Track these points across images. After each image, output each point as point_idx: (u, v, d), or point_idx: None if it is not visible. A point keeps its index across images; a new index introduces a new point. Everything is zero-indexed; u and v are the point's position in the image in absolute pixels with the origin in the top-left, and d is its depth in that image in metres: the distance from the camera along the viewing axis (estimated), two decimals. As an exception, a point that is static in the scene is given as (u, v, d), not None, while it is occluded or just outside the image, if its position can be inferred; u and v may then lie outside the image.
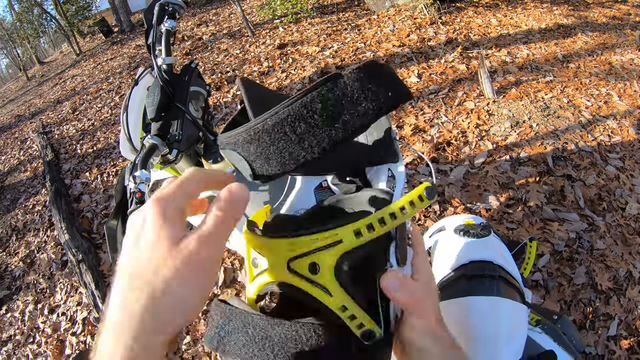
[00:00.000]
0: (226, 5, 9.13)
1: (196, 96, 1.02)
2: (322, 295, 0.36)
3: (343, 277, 0.36)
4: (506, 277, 0.72)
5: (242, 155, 0.44)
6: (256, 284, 0.41)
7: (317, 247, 0.36)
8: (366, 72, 0.42)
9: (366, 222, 0.36)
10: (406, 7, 5.44)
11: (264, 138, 0.41)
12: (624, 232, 2.07)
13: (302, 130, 0.40)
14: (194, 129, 0.97)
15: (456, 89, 3.38)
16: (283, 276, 0.38)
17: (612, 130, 2.80)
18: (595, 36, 4.60)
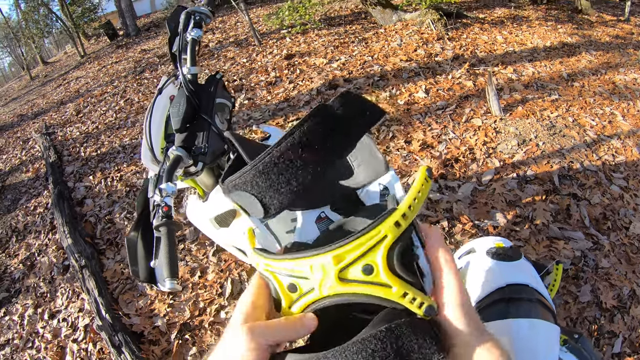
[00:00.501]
0: (232, 13, 9.18)
1: (222, 108, 1.01)
2: (383, 291, 0.38)
3: (394, 268, 0.38)
4: (541, 300, 0.74)
5: (252, 192, 0.46)
6: (298, 306, 0.42)
7: (367, 249, 0.38)
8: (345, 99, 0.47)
9: (401, 212, 0.39)
10: (413, 22, 5.50)
11: (272, 169, 0.44)
12: (628, 251, 2.08)
13: (306, 155, 0.44)
14: (220, 142, 0.96)
15: (463, 105, 3.40)
16: (335, 289, 0.39)
17: (616, 150, 2.83)
18: (599, 55, 4.66)
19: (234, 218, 1.07)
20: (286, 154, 0.43)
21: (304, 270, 0.40)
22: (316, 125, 0.44)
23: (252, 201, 0.47)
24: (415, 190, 0.41)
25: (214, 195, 1.10)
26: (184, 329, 2.00)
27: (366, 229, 0.38)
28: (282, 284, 0.42)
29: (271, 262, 0.43)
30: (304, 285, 0.40)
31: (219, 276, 2.22)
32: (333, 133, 0.45)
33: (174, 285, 0.74)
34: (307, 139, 0.44)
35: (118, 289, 2.36)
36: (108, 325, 2.03)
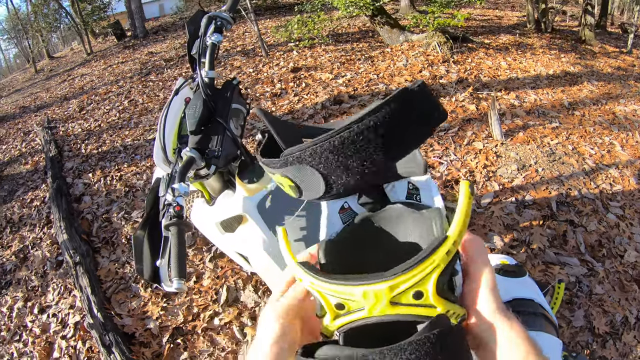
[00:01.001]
0: (241, 23, 9.28)
1: (237, 114, 1.02)
2: (427, 311, 0.40)
3: (441, 291, 0.40)
4: (545, 314, 0.76)
5: (317, 168, 0.45)
6: (344, 321, 0.43)
7: (420, 279, 0.39)
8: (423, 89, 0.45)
9: (452, 240, 0.40)
10: (420, 43, 5.58)
11: (349, 146, 0.42)
12: (622, 279, 2.10)
13: (385, 137, 0.43)
14: (233, 147, 0.98)
15: (466, 128, 3.44)
16: (385, 311, 0.40)
17: (614, 179, 2.87)
18: (600, 85, 4.74)
19: (240, 224, 1.08)
20: (367, 131, 0.42)
21: (355, 294, 0.41)
22: (400, 108, 0.43)
23: (313, 178, 0.46)
24: (463, 213, 0.42)
25: (221, 199, 1.11)
26: (176, 333, 1.98)
27: (420, 259, 0.39)
28: (329, 302, 0.43)
29: (320, 282, 0.43)
30: (353, 304, 0.42)
31: (214, 282, 2.20)
32: (411, 122, 0.44)
33: (181, 285, 0.74)
34: (389, 120, 0.42)
35: (111, 289, 2.34)
36: (99, 324, 2.01)
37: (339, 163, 0.44)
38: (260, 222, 1.01)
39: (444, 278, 0.40)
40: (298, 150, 0.45)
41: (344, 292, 0.41)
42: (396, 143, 0.44)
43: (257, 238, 1.01)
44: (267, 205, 1.05)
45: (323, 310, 0.44)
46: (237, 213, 1.04)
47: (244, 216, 1.04)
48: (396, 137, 0.44)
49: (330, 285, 0.42)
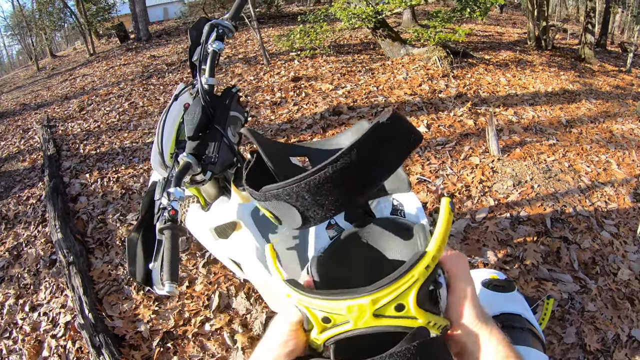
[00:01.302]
0: (244, 30, 9.35)
1: (234, 121, 1.04)
2: (409, 322, 0.43)
3: (421, 303, 0.43)
4: (532, 329, 0.77)
5: (294, 204, 0.47)
6: (330, 334, 0.46)
7: (400, 292, 0.42)
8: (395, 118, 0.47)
9: (431, 255, 0.43)
10: (420, 57, 5.64)
11: (323, 186, 0.45)
12: (615, 297, 2.11)
13: (359, 173, 0.45)
14: (230, 154, 0.98)
15: (463, 143, 3.47)
16: (368, 323, 0.43)
17: (609, 197, 2.88)
18: (598, 104, 4.78)
19: (234, 230, 1.09)
20: (341, 172, 0.44)
21: (340, 308, 0.43)
22: (372, 143, 0.45)
23: (291, 212, 0.48)
24: (443, 230, 0.45)
25: (216, 205, 1.11)
26: (167, 337, 1.97)
27: (400, 275, 0.42)
28: (316, 317, 0.45)
29: (306, 298, 0.45)
30: (338, 318, 0.44)
31: (207, 288, 2.20)
32: (385, 152, 0.47)
33: (172, 288, 0.74)
34: (362, 157, 0.44)
35: (103, 290, 2.33)
36: (90, 325, 2.00)
37: (314, 201, 0.46)
38: (254, 229, 1.02)
39: (424, 291, 0.43)
40: (275, 188, 0.47)
41: (329, 307, 0.44)
42: (371, 177, 0.47)
43: (250, 245, 1.02)
44: (261, 213, 1.06)
45: (310, 324, 0.46)
46: (231, 220, 1.04)
47: (238, 223, 1.05)
48: (371, 171, 0.46)
49: (315, 300, 0.44)
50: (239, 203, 1.04)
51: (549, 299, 1.07)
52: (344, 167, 0.44)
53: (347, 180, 0.45)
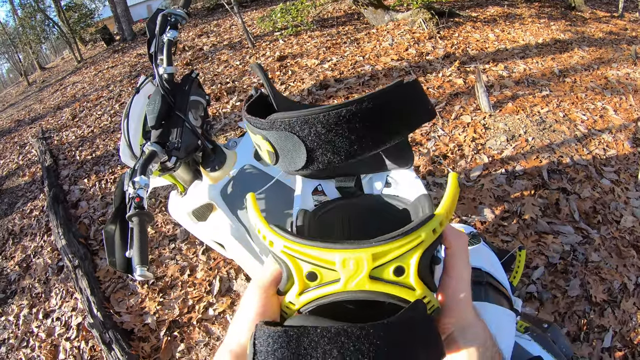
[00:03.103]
0: (227, 17, 9.22)
1: (196, 105, 1.04)
2: (406, 293, 0.38)
3: (421, 272, 0.38)
4: (494, 284, 0.73)
5: (304, 139, 0.43)
6: (313, 295, 0.39)
7: (404, 251, 0.37)
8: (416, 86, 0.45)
9: (439, 219, 0.39)
10: (405, 22, 5.52)
11: (343, 124, 0.41)
12: (619, 245, 2.08)
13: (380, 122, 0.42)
14: (193, 138, 0.99)
15: (453, 102, 3.42)
16: (362, 285, 0.37)
17: (608, 144, 2.83)
18: (591, 51, 4.66)
19: (211, 212, 1.10)
20: (366, 112, 0.41)
21: (334, 260, 0.37)
22: (396, 96, 0.43)
23: (296, 149, 0.44)
24: (450, 197, 0.42)
25: (191, 189, 1.12)
26: (173, 326, 2.03)
27: (407, 232, 0.37)
28: (300, 270, 0.39)
29: (294, 245, 0.39)
30: (327, 275, 0.38)
31: (207, 274, 2.24)
32: (406, 112, 0.44)
33: (144, 272, 0.76)
34: (386, 106, 0.42)
35: (110, 288, 2.38)
36: (99, 323, 2.06)
37: (328, 139, 0.42)
38: (225, 208, 1.03)
39: (426, 258, 0.38)
40: (289, 117, 0.43)
41: (320, 257, 0.38)
42: (387, 132, 0.43)
43: (225, 224, 1.03)
44: (229, 191, 1.07)
45: (290, 283, 0.40)
46: (204, 202, 1.05)
47: (213, 204, 1.06)
48: (388, 125, 0.43)
49: (307, 249, 0.38)
50: (209, 184, 1.04)
51: (521, 250, 1.03)
52: (369, 109, 0.41)
53: (367, 126, 0.42)
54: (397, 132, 0.44)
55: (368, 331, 0.34)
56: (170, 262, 2.42)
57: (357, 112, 0.40)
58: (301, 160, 0.44)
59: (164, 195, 2.99)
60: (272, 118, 0.44)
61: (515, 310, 0.74)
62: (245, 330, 0.42)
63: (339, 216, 0.57)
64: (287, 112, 0.43)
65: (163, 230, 2.70)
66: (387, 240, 0.37)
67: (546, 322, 0.94)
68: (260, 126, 0.46)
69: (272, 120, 0.44)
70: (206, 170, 1.02)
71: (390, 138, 0.44)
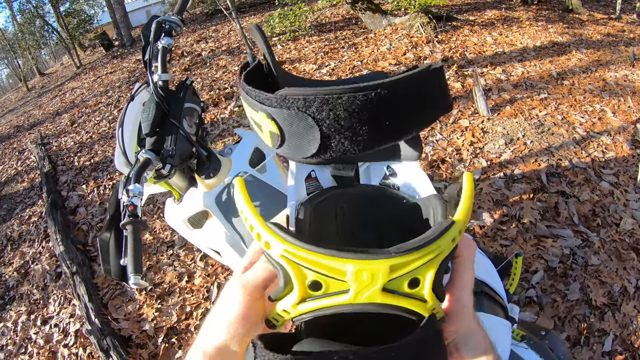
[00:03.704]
0: (226, 22, 9.25)
1: (190, 112, 1.04)
2: (418, 306, 0.35)
3: (436, 283, 0.35)
4: (489, 293, 0.71)
5: (321, 123, 0.37)
6: (313, 306, 0.35)
7: (423, 262, 0.34)
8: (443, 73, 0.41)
9: (460, 225, 0.36)
10: (403, 26, 5.54)
11: (369, 110, 0.36)
12: (619, 248, 2.07)
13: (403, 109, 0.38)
14: (188, 145, 0.99)
15: (451, 106, 3.42)
16: (374, 298, 0.33)
17: (606, 146, 2.83)
18: (589, 53, 4.67)
19: (207, 219, 1.09)
20: (394, 97, 0.36)
21: (346, 271, 0.32)
22: (426, 83, 0.39)
23: (309, 133, 0.38)
24: (468, 201, 0.38)
25: (187, 196, 1.12)
26: (171, 333, 2.02)
27: (429, 242, 0.34)
28: (304, 278, 0.34)
29: (298, 251, 0.33)
30: (333, 285, 0.34)
31: (205, 281, 2.23)
32: (430, 101, 0.40)
33: (137, 280, 0.76)
34: (415, 92, 0.37)
35: (108, 295, 2.38)
36: (97, 330, 2.05)
37: (349, 125, 0.36)
38: (220, 215, 1.03)
39: (442, 269, 0.35)
40: (305, 94, 0.36)
41: (329, 266, 0.33)
42: (412, 121, 0.39)
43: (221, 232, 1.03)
44: (224, 199, 1.07)
45: (288, 289, 0.35)
46: (199, 209, 1.05)
47: (208, 211, 1.06)
48: (416, 114, 0.39)
49: (313, 255, 0.33)
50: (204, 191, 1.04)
51: (518, 257, 1.01)
52: (399, 95, 0.36)
53: (394, 113, 0.37)
54: (421, 123, 0.40)
55: (388, 354, 0.31)
56: (168, 269, 2.42)
57: (387, 97, 0.35)
58: (312, 147, 0.38)
59: (162, 202, 2.98)
60: (283, 93, 0.37)
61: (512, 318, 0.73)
62: (223, 332, 0.38)
63: (334, 207, 0.51)
64: (302, 89, 0.37)
65: (161, 237, 2.70)
66: (407, 252, 0.33)
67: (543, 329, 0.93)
68: (267, 102, 0.39)
69: (283, 95, 0.37)
70: (201, 178, 1.02)
71: (413, 129, 0.40)
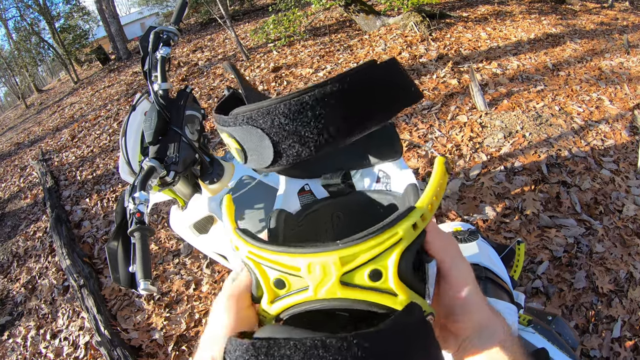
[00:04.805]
0: (221, 31, 9.30)
1: (192, 120, 1.05)
2: (386, 299, 0.33)
3: (404, 275, 0.34)
4: (493, 278, 0.73)
5: (268, 132, 0.40)
6: (284, 304, 0.36)
7: (378, 252, 0.33)
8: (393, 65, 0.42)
9: (420, 212, 0.34)
10: (397, 26, 5.56)
11: (308, 110, 0.38)
12: (622, 234, 2.08)
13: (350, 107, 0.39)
14: (190, 152, 1.00)
15: (449, 103, 3.43)
16: (333, 293, 0.33)
17: (605, 134, 2.84)
18: (584, 43, 4.69)
19: (212, 224, 1.10)
20: (331, 96, 0.37)
21: (299, 267, 0.33)
22: (367, 77, 0.39)
23: (262, 143, 0.41)
24: (434, 186, 0.37)
25: (191, 203, 1.13)
26: (181, 341, 2.03)
27: (380, 229, 0.33)
28: (267, 278, 0.36)
29: (258, 251, 0.35)
30: (295, 282, 0.35)
31: (213, 287, 2.24)
32: (380, 95, 0.40)
33: (147, 286, 0.77)
34: (356, 89, 0.38)
35: (116, 306, 2.38)
36: (107, 341, 2.06)
37: (293, 129, 0.39)
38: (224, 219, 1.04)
39: (408, 258, 0.34)
40: (249, 110, 0.40)
41: (284, 263, 0.34)
42: (358, 117, 0.40)
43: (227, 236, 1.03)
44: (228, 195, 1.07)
45: (260, 290, 0.37)
46: (205, 214, 1.06)
47: (213, 216, 1.07)
48: (359, 110, 0.39)
49: (270, 255, 0.34)
50: (209, 197, 1.05)
51: (520, 244, 1.02)
52: (334, 93, 0.37)
53: (334, 111, 0.38)
54: (372, 117, 0.41)
55: (351, 342, 0.29)
56: (175, 277, 2.42)
57: (322, 98, 0.37)
58: (268, 156, 0.41)
59: (166, 211, 3.00)
60: (235, 112, 0.42)
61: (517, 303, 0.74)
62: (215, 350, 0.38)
63: (326, 216, 0.53)
64: (249, 105, 0.40)
65: (166, 246, 2.71)
66: (355, 241, 0.32)
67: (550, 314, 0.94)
68: (224, 123, 0.44)
69: (235, 115, 0.42)
70: (205, 183, 1.04)
71: (364, 125, 0.41)
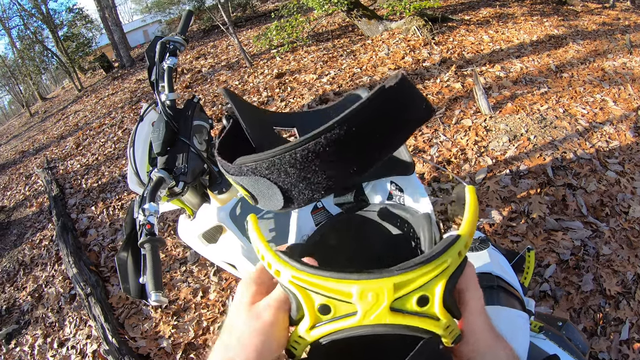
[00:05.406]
0: (224, 38, 9.35)
1: (199, 130, 1.06)
2: (429, 324, 0.35)
3: (447, 300, 0.35)
4: (505, 287, 0.73)
5: (275, 181, 0.39)
6: (325, 330, 0.35)
7: (429, 279, 0.34)
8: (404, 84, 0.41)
9: (465, 239, 0.36)
10: (399, 30, 5.58)
11: (314, 159, 0.37)
12: (629, 236, 2.06)
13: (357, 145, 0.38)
14: (199, 162, 1.01)
15: (453, 107, 3.43)
16: (382, 319, 0.34)
17: (610, 136, 2.83)
18: (586, 44, 4.68)
19: (221, 234, 1.11)
20: (335, 144, 0.36)
21: (351, 292, 0.33)
22: (374, 112, 0.38)
23: (271, 191, 0.41)
24: (472, 214, 0.38)
25: (200, 213, 1.13)
26: (189, 349, 2.02)
27: (432, 257, 0.34)
28: (312, 302, 0.35)
29: (304, 275, 0.35)
30: (342, 308, 0.34)
31: (220, 295, 2.24)
32: (390, 123, 0.40)
33: (159, 297, 0.77)
34: (361, 128, 0.37)
35: (124, 314, 2.39)
36: (115, 350, 2.06)
37: (300, 178, 0.38)
38: (234, 229, 1.04)
39: (451, 285, 0.35)
40: (253, 161, 0.39)
41: (335, 289, 0.34)
42: (370, 154, 0.40)
43: (236, 245, 1.04)
44: (238, 213, 1.08)
45: (300, 313, 0.36)
46: (214, 224, 1.07)
47: (222, 226, 1.07)
48: (370, 146, 0.39)
49: (319, 280, 0.34)
50: (218, 207, 1.06)
51: (530, 251, 1.02)
52: (339, 138, 0.36)
53: (341, 155, 0.38)
54: (384, 148, 0.41)
55: None
56: (182, 285, 2.43)
57: (328, 143, 0.36)
58: (279, 201, 0.41)
59: (172, 219, 3.00)
60: (238, 163, 0.41)
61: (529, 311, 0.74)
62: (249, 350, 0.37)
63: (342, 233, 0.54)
64: (252, 156, 0.40)
65: (173, 254, 2.71)
66: (410, 268, 0.33)
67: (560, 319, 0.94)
68: (230, 171, 0.43)
69: (239, 165, 0.41)
70: (214, 193, 1.04)
71: (376, 158, 0.41)
